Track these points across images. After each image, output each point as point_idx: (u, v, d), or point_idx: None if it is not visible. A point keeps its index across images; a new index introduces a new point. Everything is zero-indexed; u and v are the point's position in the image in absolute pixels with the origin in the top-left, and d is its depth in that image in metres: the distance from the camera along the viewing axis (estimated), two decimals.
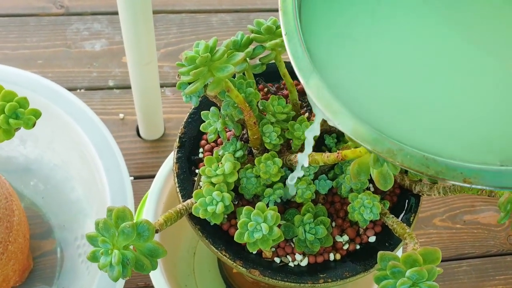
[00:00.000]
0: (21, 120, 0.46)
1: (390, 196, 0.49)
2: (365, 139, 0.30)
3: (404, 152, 0.29)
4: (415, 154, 0.29)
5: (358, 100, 0.32)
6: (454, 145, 0.31)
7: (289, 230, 0.46)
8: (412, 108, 0.32)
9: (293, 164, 0.47)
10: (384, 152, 0.30)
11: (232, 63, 0.42)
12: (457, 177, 0.29)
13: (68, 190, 0.77)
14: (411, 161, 0.29)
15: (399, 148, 0.30)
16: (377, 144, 0.30)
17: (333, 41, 0.34)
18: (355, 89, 0.33)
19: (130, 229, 0.39)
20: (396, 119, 0.32)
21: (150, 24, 0.69)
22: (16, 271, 0.67)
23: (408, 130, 0.31)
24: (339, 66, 0.33)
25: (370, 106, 0.32)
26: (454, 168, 0.29)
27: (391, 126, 0.31)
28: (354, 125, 0.30)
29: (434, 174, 0.29)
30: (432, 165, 0.29)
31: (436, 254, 0.39)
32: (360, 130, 0.30)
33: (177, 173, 0.49)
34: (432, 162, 0.29)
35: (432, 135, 0.31)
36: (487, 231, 0.88)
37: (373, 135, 0.30)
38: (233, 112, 0.46)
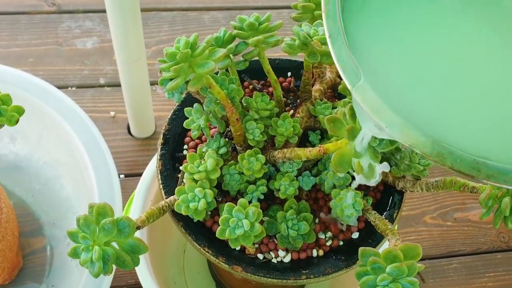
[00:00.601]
0: (4, 117, 0.46)
1: (373, 192, 0.49)
2: (414, 143, 0.30)
3: (454, 155, 0.30)
4: (465, 158, 0.30)
5: (406, 104, 0.32)
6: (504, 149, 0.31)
7: (272, 226, 0.46)
8: (460, 112, 0.32)
9: (276, 161, 0.47)
10: (434, 155, 0.30)
11: (213, 59, 0.42)
12: (509, 181, 0.29)
13: (58, 187, 0.77)
14: (461, 165, 0.30)
15: (449, 152, 0.30)
16: (427, 147, 0.30)
17: (377, 42, 0.34)
18: (402, 92, 0.32)
19: (111, 225, 0.39)
20: (445, 122, 0.31)
21: (138, 21, 0.69)
22: (5, 269, 0.67)
23: (457, 133, 0.31)
24: (384, 68, 0.33)
25: (417, 109, 0.32)
26: (506, 172, 0.29)
27: (440, 129, 0.31)
28: (404, 129, 0.30)
29: (485, 178, 0.29)
30: (483, 169, 0.29)
31: (417, 250, 0.39)
32: (410, 134, 0.30)
33: (161, 170, 0.49)
34: (483, 166, 0.29)
35: (481, 138, 0.31)
36: (477, 228, 0.88)
37: (423, 139, 0.30)
38: (216, 108, 0.46)
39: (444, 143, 0.30)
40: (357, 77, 0.32)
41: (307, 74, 0.48)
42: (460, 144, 0.30)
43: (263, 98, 0.48)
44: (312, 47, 0.44)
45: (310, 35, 0.43)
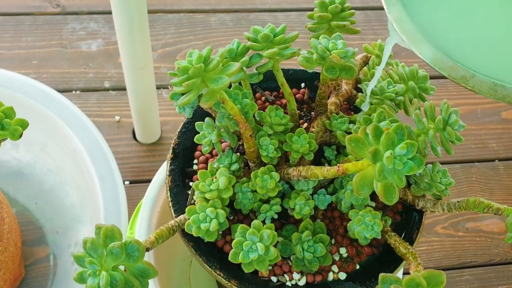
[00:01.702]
0: (7, 131, 0.44)
1: (391, 212, 0.47)
2: (442, 67, 0.35)
3: (475, 78, 0.34)
4: (485, 81, 0.34)
5: (437, 31, 0.36)
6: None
7: (286, 247, 0.44)
8: (484, 40, 0.37)
9: (291, 178, 0.45)
10: (459, 78, 0.35)
11: (227, 73, 0.40)
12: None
13: (62, 195, 0.76)
14: (481, 86, 0.34)
15: (471, 75, 0.35)
16: (453, 71, 0.35)
17: None
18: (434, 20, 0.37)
19: (119, 250, 0.37)
20: (469, 49, 0.36)
21: (145, 28, 0.66)
22: (6, 280, 0.65)
23: (480, 61, 0.35)
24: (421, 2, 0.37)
25: (447, 36, 0.36)
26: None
27: (466, 56, 0.35)
28: (434, 54, 0.35)
29: (501, 98, 0.34)
30: (500, 90, 0.34)
31: (440, 278, 0.37)
32: (439, 58, 0.35)
33: (170, 186, 0.47)
34: (500, 87, 0.34)
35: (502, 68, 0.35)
36: (490, 239, 0.86)
37: (450, 64, 0.35)
38: (228, 124, 0.44)
39: (468, 67, 0.35)
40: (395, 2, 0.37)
41: (323, 88, 0.46)
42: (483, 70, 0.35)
43: (277, 112, 0.46)
44: (331, 61, 0.41)
45: (328, 48, 0.41)
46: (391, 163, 0.34)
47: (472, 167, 0.92)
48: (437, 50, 0.35)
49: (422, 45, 0.35)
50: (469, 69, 0.35)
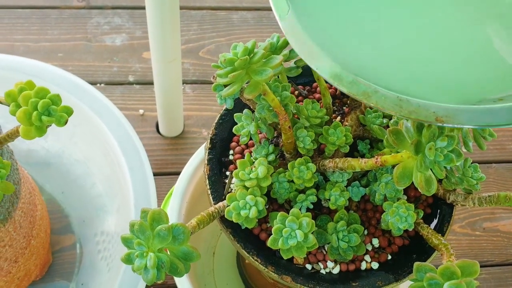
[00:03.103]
0: (54, 117, 0.46)
1: (423, 205, 0.48)
2: (341, 82, 0.32)
3: (378, 93, 0.31)
4: (389, 95, 0.31)
5: (335, 43, 0.33)
6: (427, 88, 0.32)
7: (321, 237, 0.45)
8: (387, 51, 0.33)
9: (326, 170, 0.46)
10: (360, 94, 0.31)
11: (270, 66, 0.41)
12: (429, 117, 0.30)
13: (88, 185, 0.77)
14: (385, 102, 0.31)
15: (373, 90, 0.31)
16: (353, 86, 0.31)
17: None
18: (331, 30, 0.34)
19: (166, 232, 0.39)
20: (371, 62, 0.33)
21: (177, 21, 0.68)
22: (37, 265, 0.67)
23: (382, 73, 0.32)
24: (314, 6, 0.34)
25: (346, 49, 0.33)
26: (427, 108, 0.30)
27: (367, 69, 0.32)
28: (331, 69, 0.32)
29: (407, 114, 0.31)
30: (405, 105, 0.31)
31: (475, 267, 0.39)
32: (337, 73, 0.32)
33: (208, 175, 0.48)
34: (406, 102, 0.31)
35: (406, 78, 0.32)
36: (507, 239, 0.87)
37: (349, 78, 0.31)
38: (268, 115, 0.45)
39: (371, 83, 0.31)
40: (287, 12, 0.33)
41: None
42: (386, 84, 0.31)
43: (313, 105, 0.47)
44: None
45: None
46: (432, 155, 0.36)
47: (489, 167, 0.93)
48: (334, 64, 0.32)
49: (318, 59, 0.32)
50: (371, 83, 0.31)
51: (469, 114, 0.30)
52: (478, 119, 0.30)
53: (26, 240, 0.61)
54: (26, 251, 0.62)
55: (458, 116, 0.30)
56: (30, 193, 0.63)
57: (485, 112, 0.30)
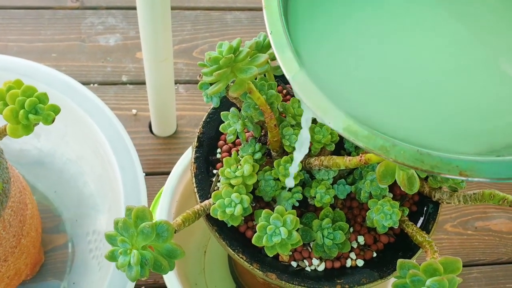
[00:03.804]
0: (41, 115, 0.46)
1: (408, 203, 0.49)
2: (357, 137, 0.29)
3: (397, 148, 0.29)
4: (408, 149, 0.29)
5: (348, 96, 0.31)
6: (448, 138, 0.30)
7: (306, 234, 0.46)
8: (403, 101, 0.32)
9: (312, 168, 0.47)
10: (377, 149, 0.29)
11: (255, 64, 0.41)
12: (453, 171, 0.29)
13: (81, 185, 0.77)
14: (405, 157, 0.29)
15: (392, 144, 0.29)
16: (370, 141, 0.29)
17: (320, 37, 0.34)
18: (344, 84, 0.32)
19: (150, 230, 0.39)
20: (387, 113, 0.31)
21: (168, 21, 0.68)
22: (28, 264, 0.67)
23: (400, 125, 0.31)
24: (326, 62, 0.33)
25: (360, 101, 0.32)
26: (449, 162, 0.29)
27: (383, 121, 0.31)
28: (345, 123, 0.30)
29: (429, 168, 0.29)
30: (427, 160, 0.29)
31: (457, 264, 0.39)
32: (352, 127, 0.30)
33: (195, 173, 0.49)
34: (427, 156, 0.29)
35: (424, 128, 0.31)
36: (498, 238, 0.87)
37: (365, 132, 0.29)
38: (254, 113, 0.46)
39: (388, 136, 0.29)
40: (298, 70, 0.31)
41: None
42: (403, 136, 0.30)
43: (300, 103, 0.47)
44: None
45: None
46: None
47: None
48: (347, 118, 0.30)
49: (330, 112, 0.30)
50: (388, 136, 0.29)
51: (495, 167, 0.29)
52: (505, 172, 0.28)
53: (16, 239, 0.61)
54: (16, 250, 0.62)
55: (483, 170, 0.28)
56: (20, 192, 0.63)
57: None
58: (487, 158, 0.29)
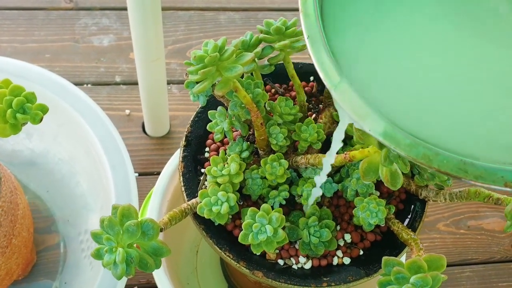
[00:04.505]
0: (28, 115, 0.46)
1: (395, 201, 0.49)
2: (399, 145, 0.29)
3: (440, 157, 0.29)
4: (452, 159, 0.29)
5: (388, 104, 0.31)
6: (491, 147, 0.30)
7: (293, 232, 0.46)
8: (442, 109, 0.31)
9: (299, 166, 0.47)
10: (420, 157, 0.29)
11: (240, 63, 0.42)
12: (498, 181, 0.28)
13: (73, 185, 0.78)
14: (448, 166, 0.29)
15: (435, 153, 0.29)
16: (412, 149, 0.29)
17: (358, 42, 0.33)
18: (384, 91, 0.32)
19: (135, 228, 0.39)
20: (428, 121, 0.31)
21: (159, 20, 0.68)
22: (19, 264, 0.67)
23: (441, 133, 0.30)
24: (365, 68, 0.33)
25: (401, 109, 0.31)
26: (494, 172, 0.28)
27: (424, 129, 0.30)
28: (386, 130, 0.29)
29: (473, 178, 0.28)
30: (471, 170, 0.28)
31: (441, 261, 0.39)
32: (393, 135, 0.29)
33: (183, 172, 0.49)
34: (471, 166, 0.28)
35: (467, 137, 0.30)
36: (491, 237, 0.87)
37: (407, 141, 0.29)
38: (240, 112, 0.46)
39: (430, 144, 0.29)
40: (339, 80, 0.31)
41: None
42: (446, 145, 0.29)
43: (287, 102, 0.47)
44: None
45: None
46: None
47: None
48: (389, 125, 0.29)
49: (371, 119, 0.29)
50: (431, 145, 0.29)
51: None
52: None
53: (7, 239, 0.61)
54: (7, 250, 0.62)
55: None
56: (11, 192, 0.63)
57: None
58: None
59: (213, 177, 0.45)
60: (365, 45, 0.33)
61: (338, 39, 0.33)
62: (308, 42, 0.32)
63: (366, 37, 0.34)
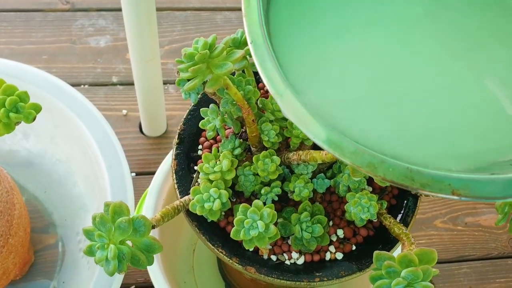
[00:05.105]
0: (22, 114, 0.47)
1: (388, 196, 0.49)
2: (343, 153, 0.28)
3: (386, 164, 0.27)
4: (398, 166, 0.27)
5: (334, 111, 0.30)
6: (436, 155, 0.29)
7: (286, 228, 0.46)
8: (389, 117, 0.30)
9: (291, 163, 0.47)
10: (364, 166, 0.28)
11: (231, 60, 0.42)
12: (445, 190, 0.27)
13: (70, 185, 0.78)
14: (394, 174, 0.27)
15: (380, 161, 0.27)
16: (357, 157, 0.28)
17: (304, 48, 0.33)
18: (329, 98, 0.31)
19: (126, 224, 0.39)
20: (374, 128, 0.30)
21: (153, 20, 0.69)
22: (16, 264, 0.68)
23: (388, 140, 0.29)
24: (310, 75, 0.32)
25: (346, 116, 0.30)
26: (441, 180, 0.27)
27: (369, 136, 0.29)
28: (330, 138, 0.28)
29: (420, 187, 0.27)
30: (417, 178, 0.27)
31: (432, 255, 0.39)
32: (337, 143, 0.28)
33: (176, 169, 0.49)
34: (417, 174, 0.27)
35: (414, 144, 0.29)
36: (488, 233, 0.87)
37: (352, 148, 0.28)
38: (232, 109, 0.46)
39: (377, 152, 0.28)
40: (283, 86, 0.30)
41: None
42: (394, 151, 0.28)
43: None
44: None
45: None
46: None
47: None
48: (333, 132, 0.28)
49: (314, 126, 0.28)
50: (378, 152, 0.28)
51: (490, 185, 0.27)
52: (501, 192, 0.27)
53: (3, 239, 0.62)
54: (4, 250, 0.62)
55: (478, 188, 0.27)
56: (7, 192, 0.63)
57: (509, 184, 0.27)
58: (481, 176, 0.27)
59: (205, 174, 0.45)
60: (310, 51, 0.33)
61: (282, 44, 0.32)
62: (252, 47, 0.31)
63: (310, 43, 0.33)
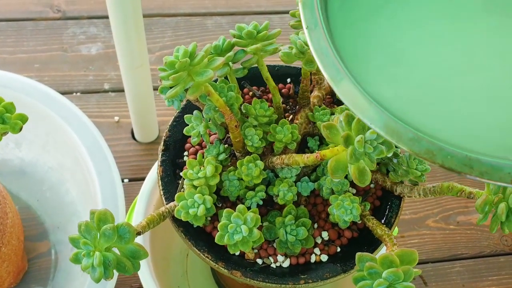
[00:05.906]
0: (8, 124, 0.47)
1: (372, 198, 0.50)
2: (401, 140, 0.28)
3: (444, 152, 0.27)
4: (456, 154, 0.27)
5: (391, 97, 0.30)
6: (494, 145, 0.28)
7: (271, 231, 0.47)
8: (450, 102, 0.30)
9: (275, 167, 0.48)
10: (423, 152, 0.27)
11: (211, 67, 0.43)
12: (504, 178, 0.27)
13: (62, 192, 0.78)
14: (452, 162, 0.27)
15: (438, 148, 0.27)
16: (415, 144, 0.28)
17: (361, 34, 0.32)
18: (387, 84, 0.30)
19: (111, 232, 0.40)
20: (433, 115, 0.29)
21: (141, 27, 0.69)
22: (10, 272, 0.68)
23: (446, 127, 0.29)
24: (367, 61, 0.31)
25: (404, 102, 0.30)
26: (501, 168, 0.27)
27: (428, 123, 0.29)
28: (388, 124, 0.28)
29: (479, 175, 0.27)
30: (476, 166, 0.27)
31: (413, 255, 0.40)
32: (395, 130, 0.28)
33: (161, 176, 0.50)
34: (476, 162, 0.27)
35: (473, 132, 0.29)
36: (480, 232, 0.88)
37: (410, 135, 0.28)
38: (215, 115, 0.47)
39: (434, 139, 0.28)
40: (339, 72, 0.29)
41: (305, 81, 0.49)
42: (451, 140, 0.28)
43: (261, 104, 0.48)
44: (309, 55, 0.44)
45: (306, 43, 0.43)
46: (361, 147, 0.37)
47: None
48: (391, 119, 0.28)
49: (372, 113, 0.28)
50: (435, 139, 0.28)
51: None
52: None
53: None
54: None
55: None
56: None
57: None
58: None
59: (190, 180, 0.46)
60: (368, 37, 0.32)
61: (339, 30, 0.31)
62: (307, 32, 0.31)
63: (368, 28, 0.32)
